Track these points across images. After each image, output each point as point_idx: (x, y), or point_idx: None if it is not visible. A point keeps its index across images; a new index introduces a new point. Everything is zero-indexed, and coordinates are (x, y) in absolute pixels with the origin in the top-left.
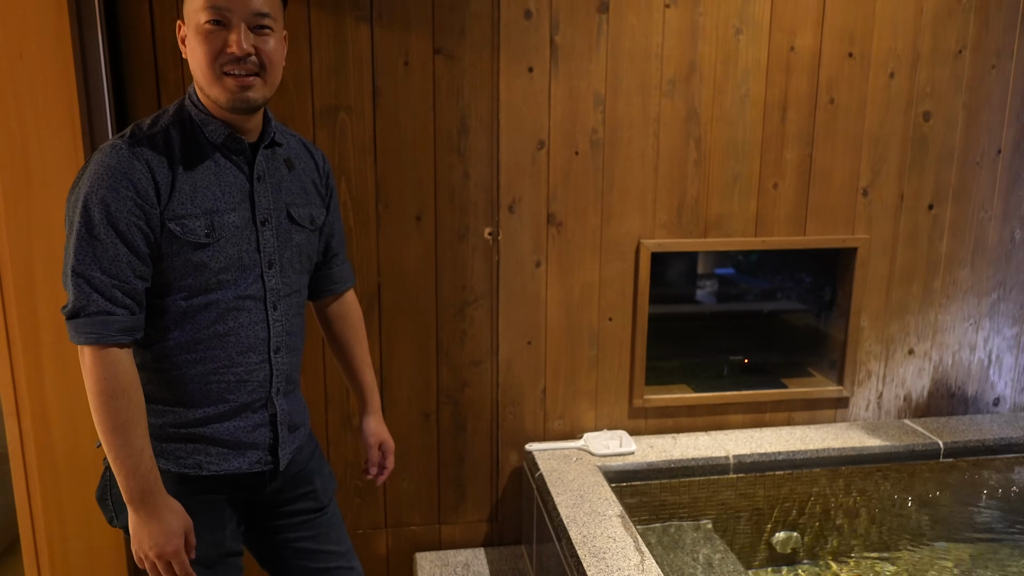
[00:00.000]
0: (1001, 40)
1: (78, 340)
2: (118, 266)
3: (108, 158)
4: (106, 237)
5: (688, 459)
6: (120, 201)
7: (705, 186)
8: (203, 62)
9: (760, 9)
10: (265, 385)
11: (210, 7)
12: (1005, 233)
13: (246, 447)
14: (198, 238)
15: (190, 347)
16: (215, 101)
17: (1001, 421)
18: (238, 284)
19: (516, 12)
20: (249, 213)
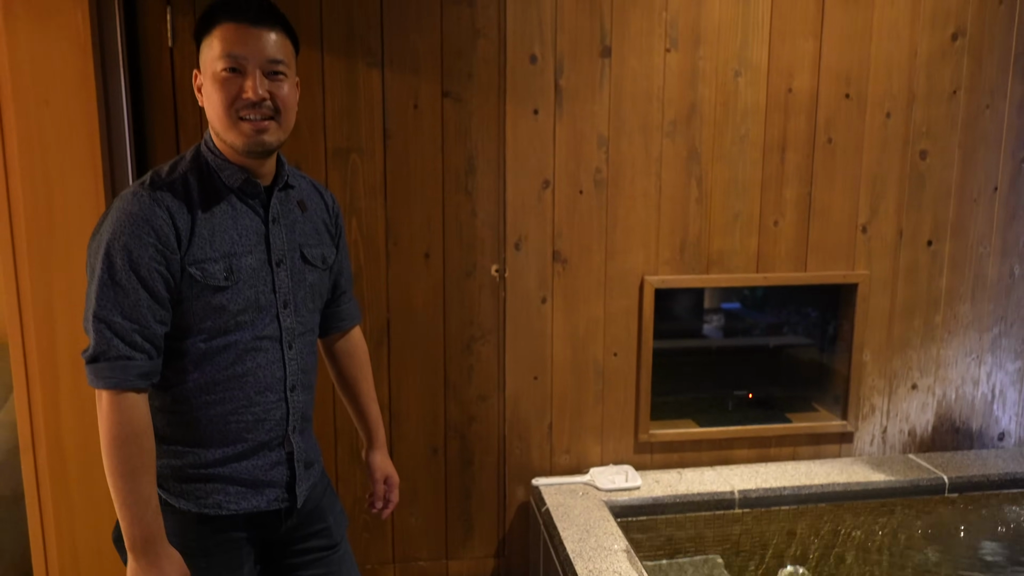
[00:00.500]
0: (994, 80)
1: (97, 384)
2: (139, 311)
3: (130, 205)
4: (127, 283)
5: (694, 494)
6: (142, 247)
7: (707, 223)
8: (220, 108)
9: (758, 53)
10: (282, 424)
11: (226, 55)
12: (1004, 268)
13: (264, 485)
14: (218, 281)
15: (209, 388)
16: (232, 146)
17: (1006, 456)
18: (255, 325)
19: (522, 57)
20: (265, 255)
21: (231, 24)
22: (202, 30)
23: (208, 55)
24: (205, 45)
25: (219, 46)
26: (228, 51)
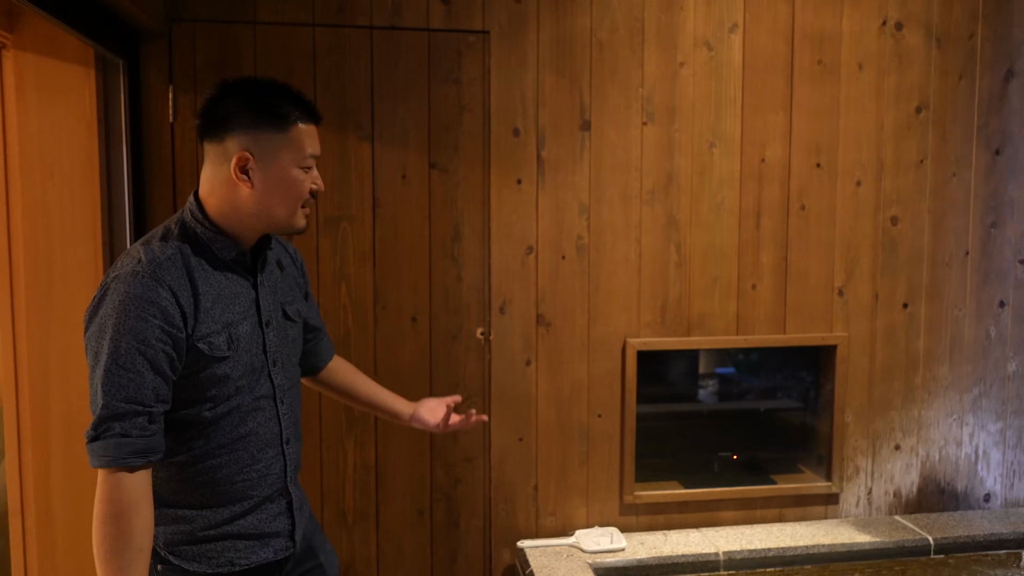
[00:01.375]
0: (959, 150)
1: (93, 463)
2: (143, 394)
3: (132, 288)
4: (133, 366)
5: (678, 555)
6: (149, 329)
7: (687, 287)
8: (297, 199)
9: (731, 126)
10: (281, 476)
11: (310, 156)
12: (980, 330)
13: (270, 537)
14: (222, 352)
15: (216, 452)
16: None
17: (991, 517)
18: (252, 387)
19: (505, 130)
20: (256, 318)
21: (311, 126)
22: (275, 121)
23: (286, 148)
24: (280, 138)
25: (303, 144)
26: (311, 152)
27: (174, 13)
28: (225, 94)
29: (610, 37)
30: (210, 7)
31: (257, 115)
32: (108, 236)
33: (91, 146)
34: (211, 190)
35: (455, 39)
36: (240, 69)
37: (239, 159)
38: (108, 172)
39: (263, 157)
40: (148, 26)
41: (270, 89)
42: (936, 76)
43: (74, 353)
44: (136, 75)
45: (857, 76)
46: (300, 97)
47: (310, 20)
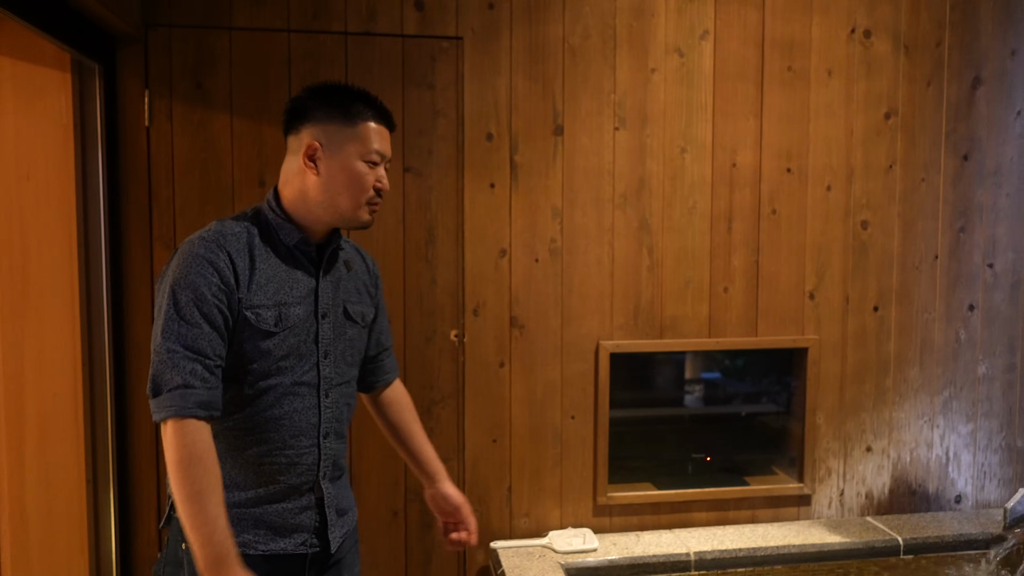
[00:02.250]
0: (927, 156)
1: (159, 415)
2: (199, 343)
3: (196, 248)
4: (191, 317)
5: (650, 556)
6: (206, 285)
7: (659, 290)
8: (362, 191)
9: (702, 131)
10: (313, 469)
11: (376, 151)
12: (950, 333)
13: (292, 530)
14: (268, 326)
15: (248, 429)
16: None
17: (961, 518)
18: (295, 371)
19: (479, 135)
20: (312, 307)
21: (381, 127)
22: (347, 114)
23: (352, 141)
24: (348, 131)
25: (370, 140)
26: (378, 149)
27: (150, 19)
28: (307, 93)
29: (582, 43)
30: (186, 13)
31: (329, 109)
32: (83, 239)
33: (67, 150)
34: (286, 180)
35: (429, 45)
36: (216, 74)
37: (308, 147)
38: (84, 175)
39: (330, 147)
40: (124, 32)
41: (346, 90)
42: (904, 83)
43: (48, 355)
44: (112, 80)
45: (827, 83)
46: (374, 100)
47: (285, 26)
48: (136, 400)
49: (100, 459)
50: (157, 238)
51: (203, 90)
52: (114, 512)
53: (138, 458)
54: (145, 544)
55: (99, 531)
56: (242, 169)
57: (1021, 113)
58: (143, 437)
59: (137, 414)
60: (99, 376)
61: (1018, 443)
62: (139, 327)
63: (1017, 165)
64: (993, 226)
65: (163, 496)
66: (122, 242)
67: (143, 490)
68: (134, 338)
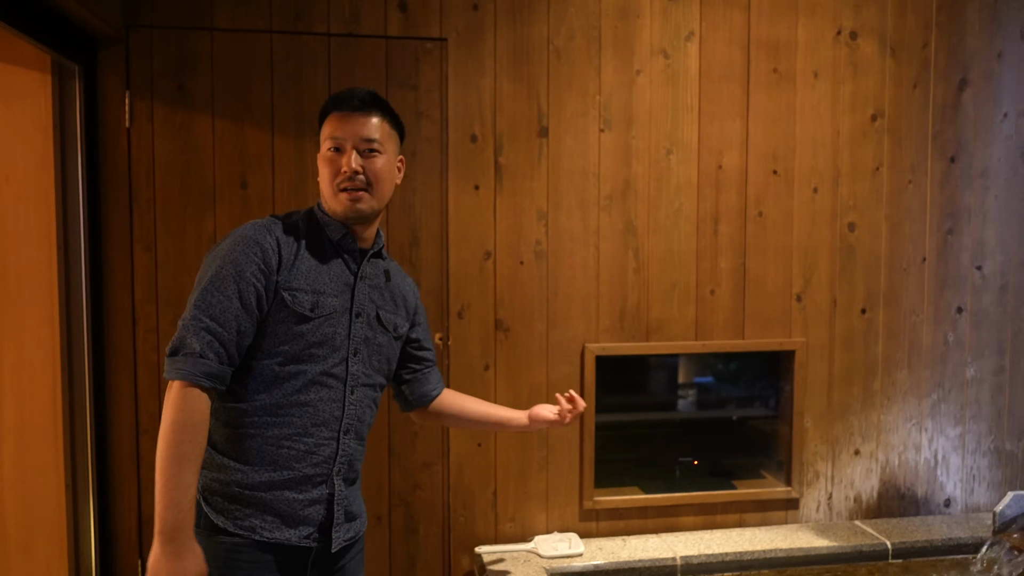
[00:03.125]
0: (914, 158)
1: (170, 375)
2: (226, 316)
3: (247, 230)
4: (226, 291)
5: (636, 560)
6: (248, 263)
7: (645, 293)
8: (325, 181)
9: (688, 133)
10: (329, 462)
11: (331, 137)
12: (938, 336)
13: (299, 521)
14: (304, 310)
15: (272, 410)
16: (333, 212)
17: (951, 522)
18: (325, 360)
19: (463, 137)
20: (348, 303)
21: (337, 113)
22: (320, 119)
23: (321, 139)
24: (321, 132)
25: (327, 130)
26: (332, 134)
27: (131, 20)
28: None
29: (567, 45)
30: (167, 14)
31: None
32: (63, 241)
33: (46, 151)
34: None
35: (413, 46)
36: (197, 76)
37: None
38: (63, 177)
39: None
40: (105, 33)
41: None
42: (891, 85)
43: (26, 357)
44: (93, 81)
45: (813, 84)
46: (343, 91)
47: (267, 27)
48: (116, 404)
49: (79, 464)
50: (138, 240)
51: (184, 91)
52: (94, 518)
53: (118, 463)
54: (126, 551)
55: (79, 538)
56: (224, 171)
57: (1008, 115)
58: (123, 441)
59: (117, 418)
60: (78, 380)
61: (1007, 446)
62: (119, 330)
63: (1004, 167)
64: (981, 228)
65: (145, 502)
66: (102, 244)
67: (123, 496)
68: (114, 341)
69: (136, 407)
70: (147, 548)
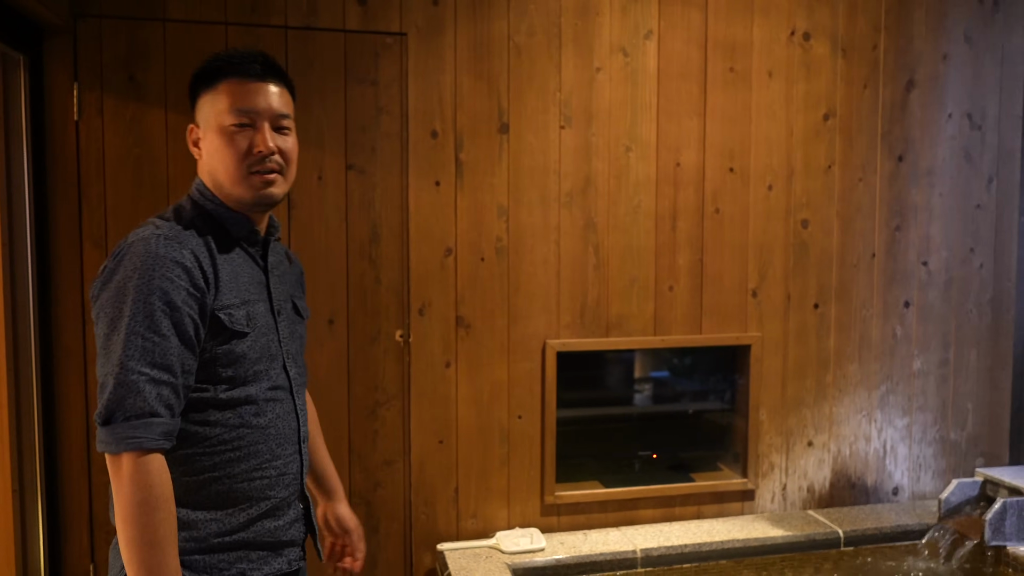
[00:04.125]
0: (864, 156)
1: (116, 448)
2: (168, 360)
3: (155, 247)
4: (161, 328)
5: (597, 554)
6: (176, 290)
7: (605, 289)
8: (231, 162)
9: (647, 130)
10: (298, 477)
11: (235, 110)
12: (887, 330)
13: (284, 545)
14: (242, 327)
15: (234, 443)
16: (239, 199)
17: (899, 509)
18: (269, 375)
19: (423, 132)
20: (268, 304)
21: (238, 80)
22: (203, 84)
23: (212, 109)
24: (207, 100)
25: (227, 100)
26: (237, 106)
27: (80, 9)
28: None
29: (528, 41)
30: (117, 4)
31: (197, 82)
32: (8, 237)
33: None
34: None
35: (372, 40)
36: (149, 67)
37: (190, 132)
38: (8, 172)
39: (202, 123)
40: (52, 22)
41: (217, 55)
42: (842, 85)
43: None
44: (39, 72)
45: (767, 84)
46: (237, 53)
47: (222, 19)
48: (65, 405)
49: (27, 467)
50: (88, 237)
51: (136, 84)
52: (42, 523)
53: (68, 466)
54: (76, 556)
55: (27, 543)
56: (178, 166)
57: (953, 115)
58: (73, 443)
59: (66, 420)
60: (25, 381)
61: (951, 436)
62: (68, 330)
63: (949, 166)
64: (927, 225)
65: (96, 506)
66: (50, 242)
67: (74, 500)
68: (62, 342)
69: (87, 409)
70: (98, 551)
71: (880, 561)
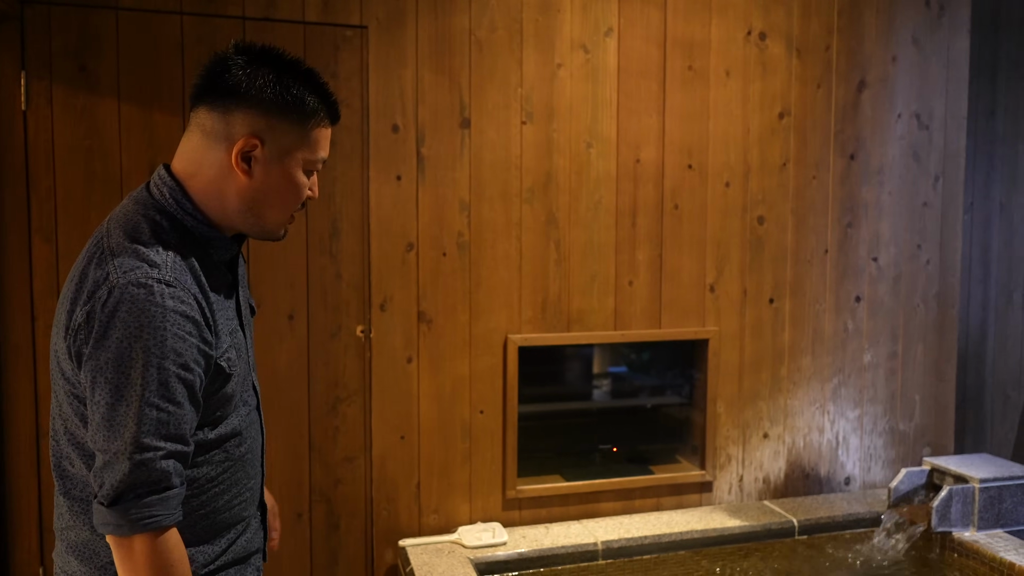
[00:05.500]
0: (818, 155)
1: (129, 531)
2: (182, 429)
3: (160, 300)
4: (175, 396)
5: (559, 547)
6: (189, 349)
7: (566, 284)
8: (290, 203)
9: (607, 127)
10: (259, 488)
11: (321, 159)
12: (839, 324)
13: (253, 554)
14: (234, 366)
15: (220, 478)
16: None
17: (850, 498)
18: (246, 401)
19: (384, 126)
20: (238, 320)
21: (330, 129)
22: (298, 112)
23: (300, 143)
24: (296, 132)
25: (320, 145)
26: (323, 155)
27: None
28: (248, 62)
29: (489, 36)
30: None
31: (281, 99)
32: None
33: None
34: (196, 171)
35: (332, 33)
36: (101, 57)
37: (245, 143)
38: None
39: (274, 148)
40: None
41: (300, 73)
42: (797, 84)
43: None
44: None
45: (725, 82)
46: (328, 92)
47: (178, 8)
48: (13, 405)
49: None
50: (36, 231)
51: (87, 73)
52: None
53: (16, 468)
54: (24, 559)
55: None
56: (131, 158)
57: (902, 116)
58: (22, 445)
59: (14, 420)
60: None
61: (900, 426)
62: (17, 327)
63: (899, 164)
64: (877, 222)
65: (45, 509)
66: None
67: (22, 502)
68: (10, 339)
69: (36, 408)
70: (47, 555)
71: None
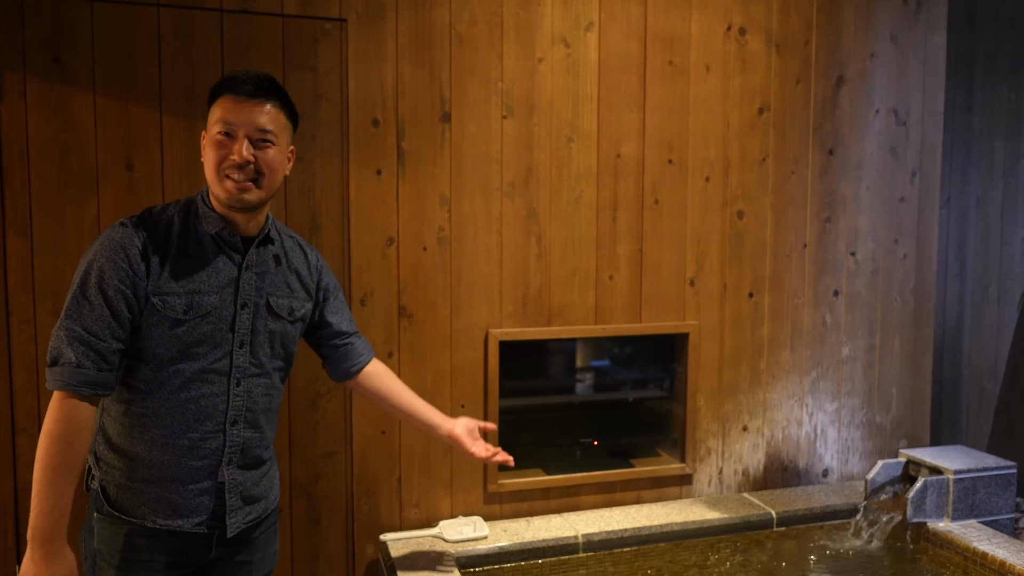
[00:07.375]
0: (797, 150)
1: (50, 385)
2: (98, 325)
3: (114, 232)
4: (94, 299)
5: (539, 540)
6: (113, 270)
7: (547, 279)
8: (211, 165)
9: (588, 121)
10: (216, 454)
11: (222, 121)
12: (817, 318)
13: (190, 511)
14: (176, 314)
15: (155, 411)
16: (217, 198)
17: (828, 490)
18: (206, 357)
19: (364, 120)
20: (232, 297)
21: (230, 96)
22: (211, 99)
23: (209, 120)
24: (210, 112)
25: (218, 114)
26: (224, 118)
27: None
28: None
29: (469, 30)
30: None
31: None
32: None
33: None
34: None
35: (311, 26)
36: (76, 49)
37: (201, 137)
38: None
39: (207, 132)
40: None
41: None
42: (776, 80)
43: None
44: None
45: (705, 77)
46: (239, 73)
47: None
48: None
49: None
50: (11, 225)
51: (62, 65)
52: None
53: None
54: (1, 556)
55: None
56: (107, 152)
57: (879, 111)
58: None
59: None
60: None
61: (877, 419)
62: None
63: (876, 160)
64: (855, 217)
65: (21, 507)
66: None
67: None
68: None
69: (12, 404)
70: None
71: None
